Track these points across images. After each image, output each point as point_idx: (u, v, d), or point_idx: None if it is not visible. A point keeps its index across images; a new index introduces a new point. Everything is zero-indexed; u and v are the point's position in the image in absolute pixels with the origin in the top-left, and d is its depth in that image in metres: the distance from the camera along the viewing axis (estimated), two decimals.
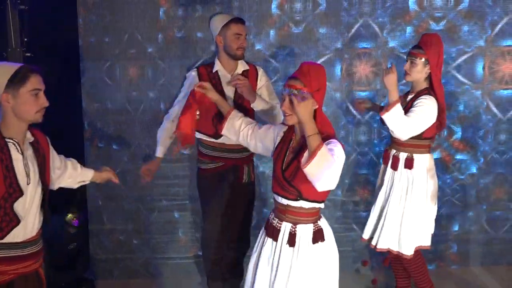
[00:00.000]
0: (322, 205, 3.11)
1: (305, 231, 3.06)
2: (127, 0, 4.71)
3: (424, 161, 4.09)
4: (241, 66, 4.16)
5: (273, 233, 3.12)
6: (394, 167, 4.12)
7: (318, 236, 3.05)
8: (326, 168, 2.73)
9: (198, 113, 3.57)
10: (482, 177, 5.04)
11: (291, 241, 3.05)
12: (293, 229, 3.06)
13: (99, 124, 4.88)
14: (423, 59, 3.97)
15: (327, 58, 4.81)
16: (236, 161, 4.15)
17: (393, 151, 4.15)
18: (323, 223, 3.13)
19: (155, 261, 5.06)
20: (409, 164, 4.07)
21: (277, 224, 3.11)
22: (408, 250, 4.11)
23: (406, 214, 4.09)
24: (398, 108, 3.87)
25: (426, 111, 3.92)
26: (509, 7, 4.78)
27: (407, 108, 3.98)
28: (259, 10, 4.75)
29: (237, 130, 3.41)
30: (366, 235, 4.33)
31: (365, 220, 4.64)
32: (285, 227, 3.08)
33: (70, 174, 3.25)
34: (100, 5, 4.72)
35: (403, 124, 3.89)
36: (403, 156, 4.10)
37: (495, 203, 5.09)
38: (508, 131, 4.96)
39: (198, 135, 4.12)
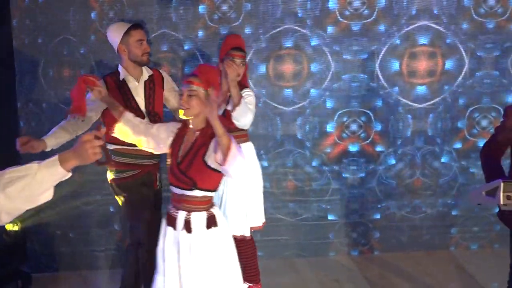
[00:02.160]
0: (214, 194, 3.42)
1: (199, 218, 3.35)
2: (60, 2, 4.89)
3: (250, 149, 4.44)
4: (146, 72, 4.24)
5: (172, 222, 3.40)
6: None
7: (211, 222, 3.36)
8: (241, 161, 3.08)
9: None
10: (401, 167, 5.34)
11: (187, 228, 3.34)
12: (188, 217, 3.35)
13: (34, 124, 5.04)
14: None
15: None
16: (149, 167, 4.24)
17: None
18: (215, 210, 3.43)
19: (92, 253, 5.24)
20: None
21: (174, 213, 3.40)
22: (247, 231, 4.44)
23: (240, 198, 4.40)
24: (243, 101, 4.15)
25: (254, 102, 4.28)
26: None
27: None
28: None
29: (131, 129, 3.52)
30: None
31: (293, 210, 4.92)
32: (181, 215, 3.37)
33: None
34: (34, 7, 4.90)
35: (249, 115, 4.19)
36: None
37: (413, 192, 5.39)
38: (423, 122, 5.28)
39: (114, 146, 4.09)
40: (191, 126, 3.41)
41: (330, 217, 5.37)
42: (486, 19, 5.13)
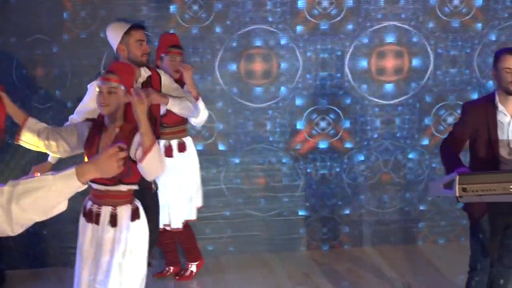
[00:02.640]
0: (136, 187, 3.48)
1: (124, 211, 3.44)
2: (33, 1, 4.94)
3: (190, 142, 4.69)
4: (144, 73, 4.15)
5: (92, 218, 3.47)
6: (170, 155, 4.61)
7: (135, 214, 3.45)
8: (158, 162, 3.22)
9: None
10: (370, 163, 5.46)
11: (113, 222, 3.41)
12: (114, 211, 3.42)
13: (8, 122, 5.08)
14: None
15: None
16: None
17: (164, 141, 4.62)
18: (138, 202, 3.53)
19: (66, 250, 5.30)
20: (182, 148, 4.65)
21: (97, 209, 3.45)
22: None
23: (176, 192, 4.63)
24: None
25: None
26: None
27: None
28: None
29: (37, 135, 3.50)
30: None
31: (264, 206, 5.03)
32: (106, 210, 3.43)
33: None
34: (6, 6, 4.95)
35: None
36: (174, 142, 4.66)
37: (382, 187, 5.52)
38: (390, 119, 5.40)
39: None
40: (108, 123, 3.43)
41: (300, 213, 5.48)
42: (451, 18, 5.27)
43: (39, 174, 2.32)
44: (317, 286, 4.93)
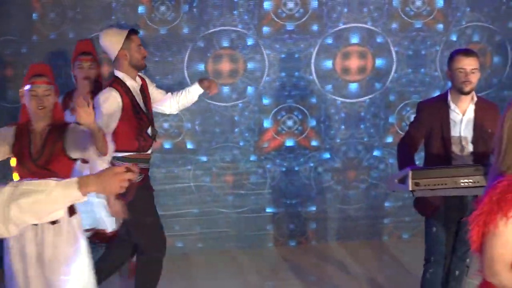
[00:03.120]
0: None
1: None
2: (2, 2, 5.01)
3: None
4: (138, 78, 4.14)
5: None
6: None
7: (72, 210, 3.47)
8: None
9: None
10: (335, 161, 5.59)
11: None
12: None
13: None
14: None
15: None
16: (147, 171, 4.21)
17: None
18: None
19: None
20: None
21: None
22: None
23: None
24: None
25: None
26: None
27: None
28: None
29: None
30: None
31: (232, 203, 5.12)
32: None
33: None
34: None
35: None
36: None
37: (348, 184, 5.65)
38: (355, 118, 5.54)
39: (124, 154, 4.01)
40: (35, 124, 3.50)
41: (268, 210, 5.60)
42: (414, 19, 5.41)
43: None
44: (284, 281, 5.03)
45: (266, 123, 5.43)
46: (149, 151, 4.15)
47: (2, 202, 2.15)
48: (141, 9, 5.15)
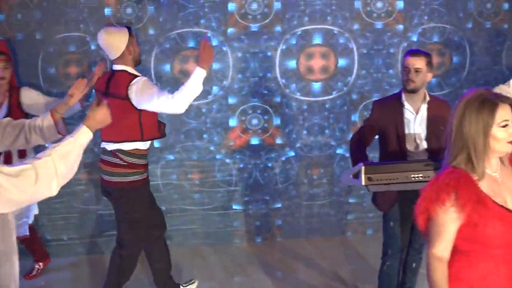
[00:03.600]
0: None
1: None
2: None
3: (31, 150, 4.78)
4: None
5: None
6: (10, 161, 4.68)
7: None
8: None
9: None
10: (300, 158, 5.72)
11: None
12: None
13: None
14: None
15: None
16: (147, 166, 4.35)
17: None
18: None
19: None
20: (22, 154, 4.72)
21: None
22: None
23: None
24: None
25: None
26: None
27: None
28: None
29: None
30: None
31: (199, 200, 5.16)
32: None
33: None
34: None
35: None
36: (15, 150, 4.68)
37: (311, 181, 5.78)
38: (320, 118, 5.66)
39: (135, 145, 4.16)
40: None
41: (234, 207, 5.71)
42: (375, 20, 5.56)
43: None
44: (251, 277, 5.14)
45: (232, 122, 5.54)
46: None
47: (47, 162, 2.59)
48: (107, 10, 5.22)
